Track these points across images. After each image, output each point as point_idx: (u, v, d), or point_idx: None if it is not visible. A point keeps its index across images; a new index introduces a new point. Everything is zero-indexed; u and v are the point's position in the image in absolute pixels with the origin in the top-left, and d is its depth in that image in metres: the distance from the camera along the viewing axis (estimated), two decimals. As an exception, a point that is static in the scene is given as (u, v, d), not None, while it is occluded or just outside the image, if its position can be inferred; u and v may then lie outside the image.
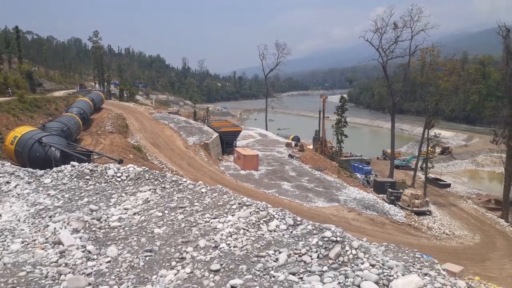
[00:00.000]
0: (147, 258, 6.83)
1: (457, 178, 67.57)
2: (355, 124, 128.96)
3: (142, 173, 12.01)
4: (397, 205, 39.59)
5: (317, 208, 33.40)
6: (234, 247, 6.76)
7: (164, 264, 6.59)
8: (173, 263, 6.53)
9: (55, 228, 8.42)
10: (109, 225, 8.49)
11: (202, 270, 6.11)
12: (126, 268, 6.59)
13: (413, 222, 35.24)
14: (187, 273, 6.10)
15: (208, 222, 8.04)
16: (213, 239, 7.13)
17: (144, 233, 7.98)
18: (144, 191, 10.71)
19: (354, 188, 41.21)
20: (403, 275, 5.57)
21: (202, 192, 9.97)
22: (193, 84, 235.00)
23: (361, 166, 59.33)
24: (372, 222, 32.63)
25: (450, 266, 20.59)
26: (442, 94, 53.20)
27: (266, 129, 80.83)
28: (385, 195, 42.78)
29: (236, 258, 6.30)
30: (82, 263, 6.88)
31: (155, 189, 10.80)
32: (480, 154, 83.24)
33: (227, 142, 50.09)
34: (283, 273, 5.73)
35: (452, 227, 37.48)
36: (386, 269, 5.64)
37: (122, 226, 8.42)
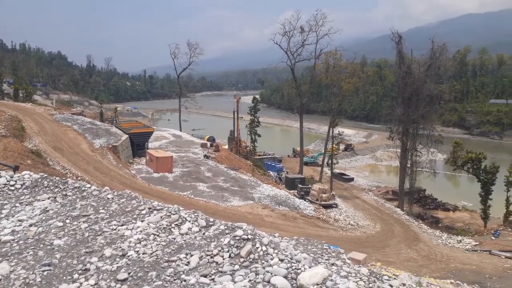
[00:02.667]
0: (45, 272, 6.24)
1: (359, 172, 73.32)
2: (267, 124, 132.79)
3: (40, 180, 10.95)
4: (306, 200, 41.71)
5: (233, 207, 33.75)
6: (143, 253, 6.49)
7: (65, 277, 6.08)
8: (76, 276, 6.06)
9: None
10: (0, 240, 7.60)
11: (108, 280, 5.76)
12: (20, 286, 5.95)
13: (321, 215, 37.41)
14: (91, 285, 5.71)
15: (115, 229, 7.61)
16: (120, 247, 6.77)
17: (42, 245, 7.28)
18: (42, 200, 9.78)
19: (267, 185, 42.45)
20: (310, 267, 5.83)
21: (109, 198, 9.41)
22: (99, 83, 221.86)
23: (273, 164, 61.30)
24: (285, 217, 33.90)
25: (355, 254, 22.22)
26: (345, 95, 57.23)
27: (180, 130, 79.52)
28: (296, 191, 44.83)
29: (145, 265, 6.07)
30: (-34, 285, 6.06)
31: (55, 197, 9.92)
32: (378, 149, 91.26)
33: (138, 144, 48.14)
34: (195, 276, 5.65)
35: (356, 218, 40.56)
36: (294, 263, 5.86)
37: (16, 240, 7.59)
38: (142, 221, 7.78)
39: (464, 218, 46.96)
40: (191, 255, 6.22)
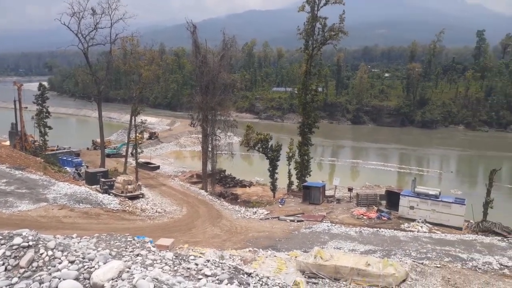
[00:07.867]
0: None
1: (165, 160, 73.97)
2: (60, 114, 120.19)
3: None
4: (111, 194, 39.80)
5: (20, 213, 29.56)
6: None
7: None
8: None
9: None
10: None
11: None
12: None
13: (127, 208, 36.31)
14: None
15: None
16: None
17: None
18: None
19: (64, 183, 38.59)
20: (105, 263, 5.55)
21: None
22: None
23: (70, 159, 55.96)
24: (86, 215, 31.60)
25: (162, 241, 22.47)
26: (145, 83, 56.23)
27: None
28: (99, 186, 42.21)
29: None
30: None
31: None
32: (182, 136, 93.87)
33: None
34: (-45, 303, 4.64)
35: (164, 205, 40.95)
36: (86, 262, 5.48)
37: None
38: None
39: (258, 191, 53.29)
40: (-50, 279, 5.06)
